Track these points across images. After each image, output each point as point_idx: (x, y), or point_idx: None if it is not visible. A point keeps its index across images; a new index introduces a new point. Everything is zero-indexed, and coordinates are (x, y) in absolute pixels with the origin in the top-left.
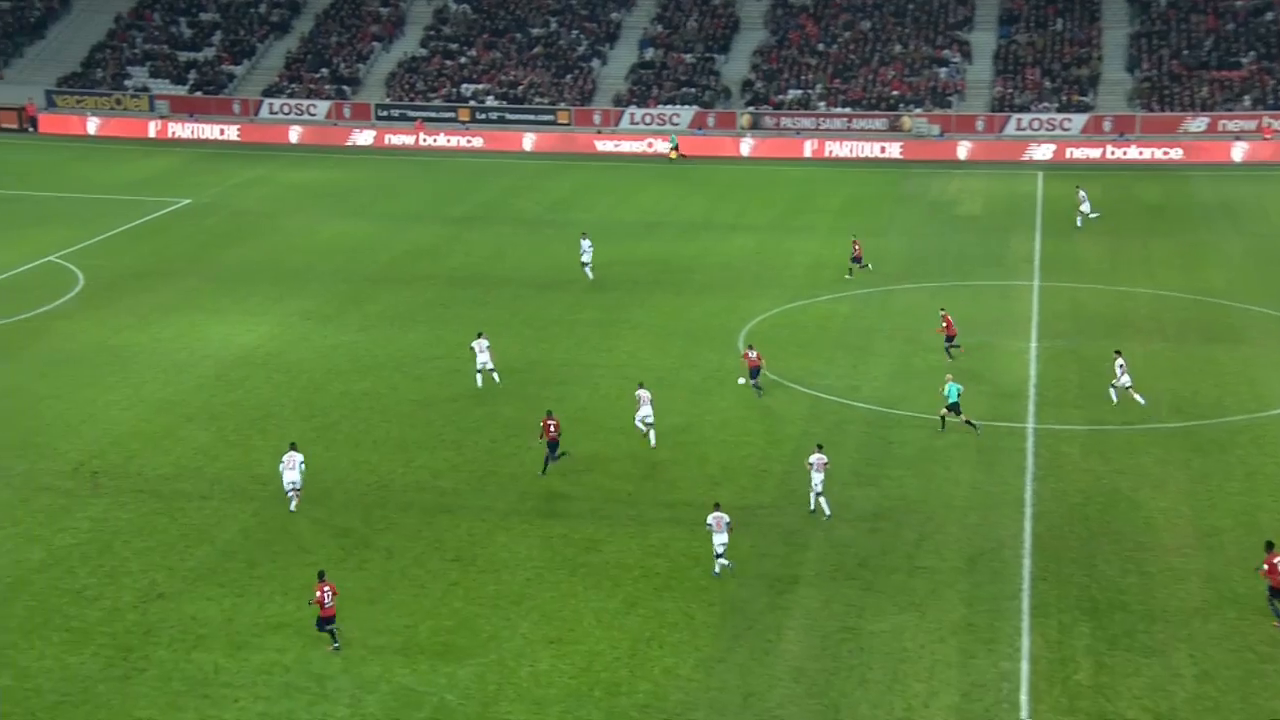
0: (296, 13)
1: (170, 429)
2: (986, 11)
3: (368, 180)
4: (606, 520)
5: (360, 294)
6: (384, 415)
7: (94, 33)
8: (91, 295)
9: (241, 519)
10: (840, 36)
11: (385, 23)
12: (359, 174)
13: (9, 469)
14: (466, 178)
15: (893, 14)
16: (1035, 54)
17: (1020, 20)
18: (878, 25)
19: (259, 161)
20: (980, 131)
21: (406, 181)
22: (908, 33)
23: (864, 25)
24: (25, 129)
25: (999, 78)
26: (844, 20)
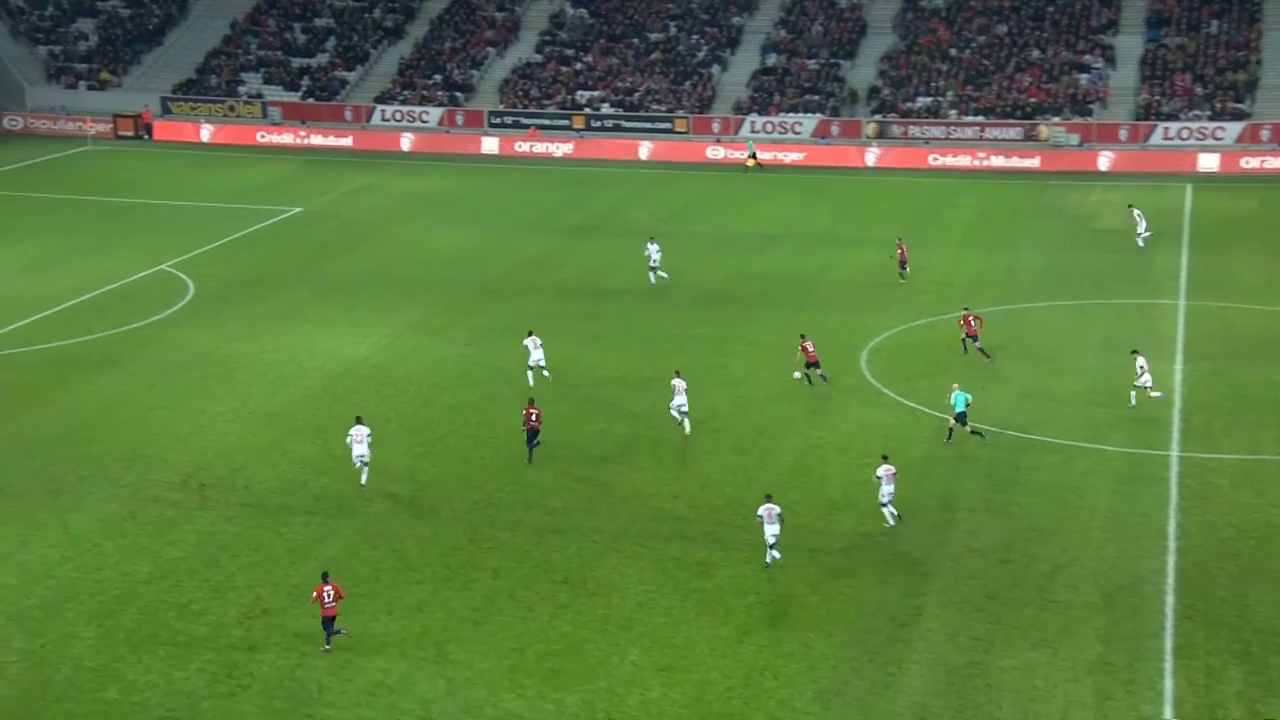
0: (411, 18)
1: (276, 442)
2: (1133, 14)
3: (479, 189)
4: (721, 544)
5: (470, 306)
6: (492, 431)
7: (210, 39)
8: (201, 304)
9: (346, 535)
10: (974, 41)
11: (500, 28)
12: (470, 182)
13: (118, 479)
14: (580, 187)
15: (1031, 17)
16: (1186, 58)
17: (1171, 23)
18: (1014, 29)
19: (370, 169)
20: (1124, 141)
21: (518, 190)
22: (1046, 37)
23: (1000, 29)
24: (141, 136)
25: (1145, 84)
26: (978, 24)
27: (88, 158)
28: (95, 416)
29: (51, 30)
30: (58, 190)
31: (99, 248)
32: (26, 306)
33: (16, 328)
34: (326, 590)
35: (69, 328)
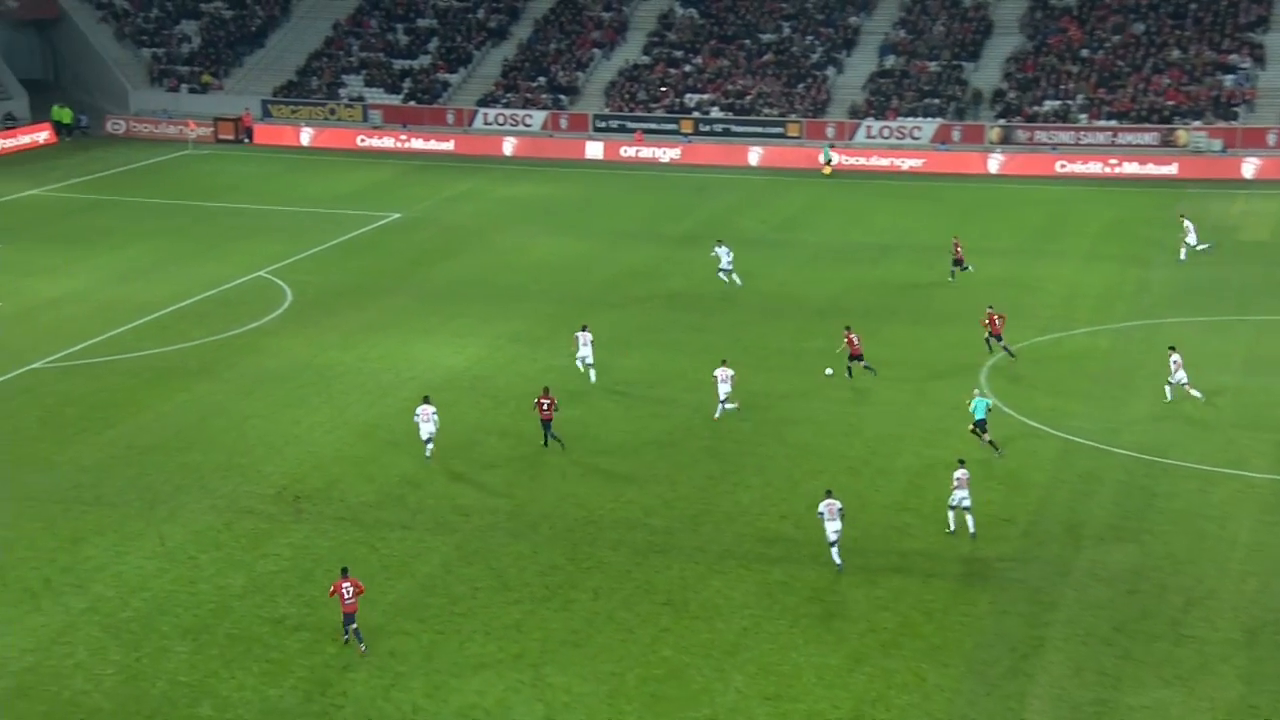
0: (515, 19)
1: (373, 454)
2: None
3: (583, 195)
4: (830, 567)
5: (572, 316)
6: (593, 446)
7: (312, 40)
8: (299, 312)
9: (443, 551)
10: (1108, 41)
11: (607, 29)
12: (574, 188)
13: (214, 490)
14: (687, 194)
15: (1171, 15)
16: None
17: None
18: (1152, 28)
19: (471, 174)
20: (1272, 146)
21: (624, 197)
22: (1188, 36)
23: (1137, 28)
24: (241, 140)
25: None
26: (1113, 23)
27: (188, 161)
28: (192, 425)
29: (155, 33)
30: (158, 195)
31: (198, 253)
32: (126, 313)
33: (117, 334)
34: (345, 586)
35: (167, 334)
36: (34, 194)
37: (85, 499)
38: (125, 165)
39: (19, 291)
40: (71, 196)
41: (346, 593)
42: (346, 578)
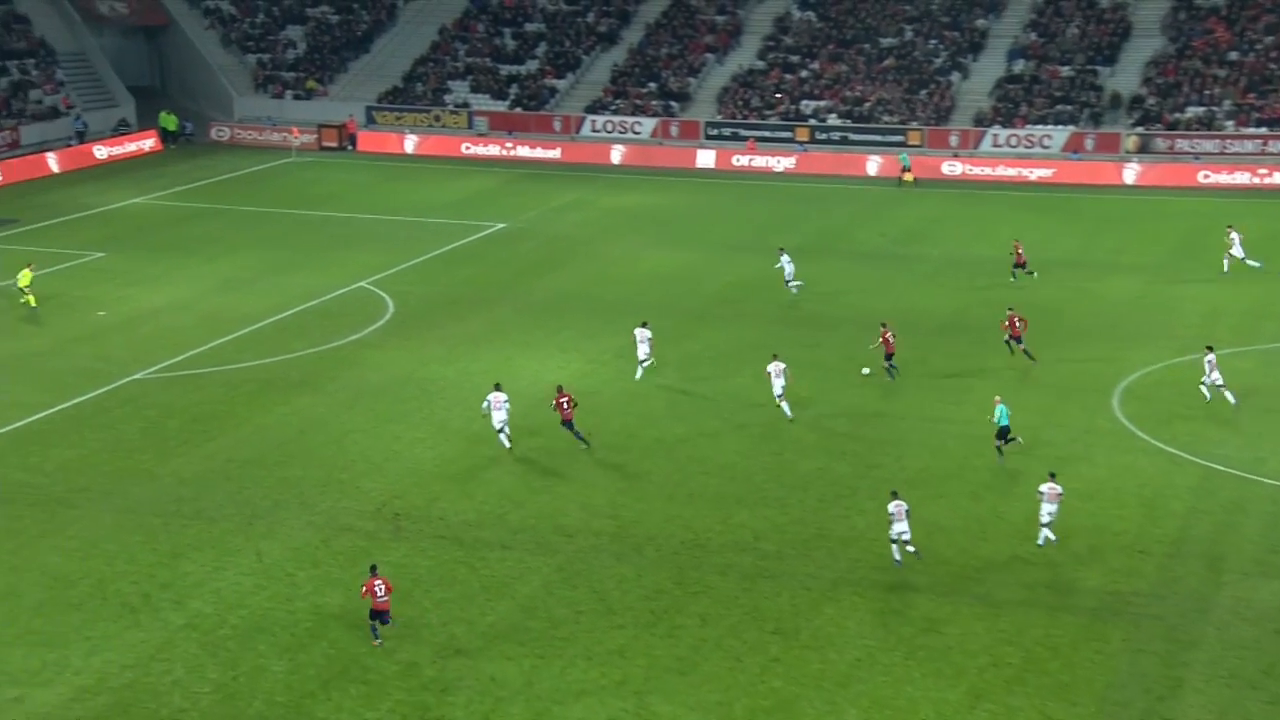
0: (626, 23)
1: (474, 471)
2: None
3: (693, 205)
4: (950, 597)
5: (680, 330)
6: (701, 466)
7: (417, 46)
8: (400, 323)
9: (544, 573)
10: (1259, 43)
11: (720, 33)
12: (684, 198)
13: (313, 506)
14: (802, 204)
15: None
16: None
17: None
18: None
19: (578, 183)
20: None
21: (736, 207)
22: None
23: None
24: (344, 147)
25: None
26: (1265, 23)
27: (291, 169)
28: (292, 439)
29: (261, 38)
30: (260, 203)
31: (299, 263)
32: (227, 323)
33: (218, 345)
34: (378, 584)
35: (268, 346)
36: (138, 202)
37: (185, 513)
38: (228, 173)
39: (122, 300)
40: (175, 204)
41: (379, 590)
42: (377, 575)
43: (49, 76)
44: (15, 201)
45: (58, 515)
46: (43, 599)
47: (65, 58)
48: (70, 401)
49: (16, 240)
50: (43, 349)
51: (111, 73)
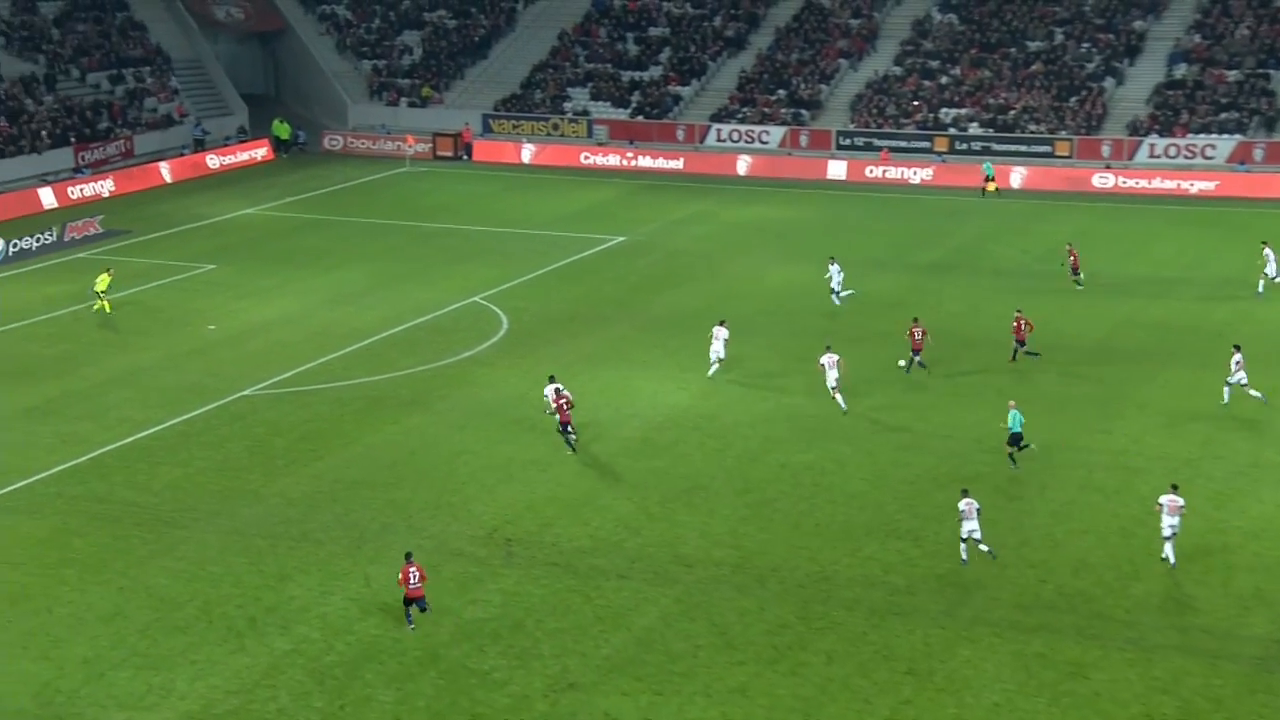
0: (755, 27)
1: (589, 496)
2: None
3: (823, 219)
4: (1097, 640)
5: (807, 350)
6: (828, 494)
7: (536, 51)
8: (514, 341)
9: (662, 604)
10: None
11: (854, 37)
12: (813, 211)
13: (422, 529)
14: (939, 218)
15: None
16: None
17: None
18: None
19: (702, 194)
20: None
21: (868, 221)
22: None
23: None
24: (460, 157)
25: None
26: None
27: (405, 179)
28: (402, 460)
29: (376, 44)
30: (373, 214)
31: (412, 277)
32: (337, 338)
33: (327, 360)
34: (412, 571)
35: (378, 362)
36: (249, 213)
37: (292, 534)
38: (341, 183)
39: (232, 314)
40: (286, 215)
41: (413, 578)
42: (412, 563)
43: (163, 84)
44: (128, 212)
45: (164, 535)
46: (149, 621)
47: (180, 65)
48: (179, 418)
49: (129, 252)
50: (153, 363)
51: (226, 80)
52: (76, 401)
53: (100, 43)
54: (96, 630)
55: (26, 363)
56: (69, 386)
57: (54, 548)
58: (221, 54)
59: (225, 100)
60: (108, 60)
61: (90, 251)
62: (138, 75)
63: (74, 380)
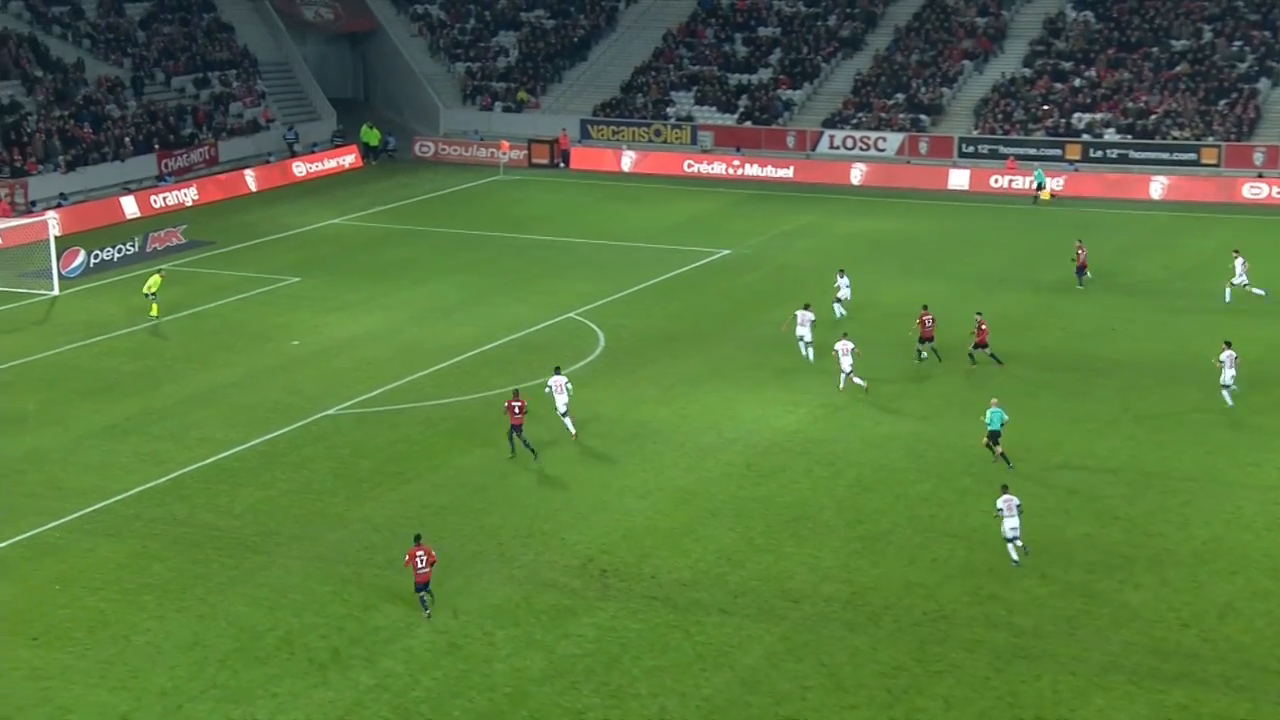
0: (872, 26)
1: (690, 525)
2: None
3: (943, 231)
4: (1247, 693)
5: (926, 373)
6: (947, 527)
7: (639, 53)
8: (612, 360)
9: (767, 641)
10: None
11: (980, 36)
12: (932, 223)
13: (513, 558)
14: (1069, 232)
15: None
16: None
17: None
18: None
19: (812, 205)
20: None
21: (992, 234)
22: None
23: None
24: (556, 164)
25: None
26: None
27: (498, 188)
28: (492, 484)
29: (470, 45)
30: (464, 225)
31: (504, 291)
32: (426, 356)
33: (415, 379)
34: (419, 555)
35: (469, 381)
36: (336, 223)
37: (377, 562)
38: (431, 192)
39: (316, 329)
40: (374, 226)
41: (420, 561)
42: (420, 545)
43: (249, 88)
44: (212, 222)
45: (245, 561)
46: (229, 651)
47: (267, 68)
48: (261, 438)
49: (212, 263)
50: (235, 380)
51: (314, 83)
52: (157, 419)
53: (186, 45)
54: (175, 660)
55: (106, 378)
56: (149, 404)
57: (133, 572)
58: (309, 56)
59: (313, 105)
60: (193, 63)
61: (172, 263)
62: (223, 79)
63: (154, 397)
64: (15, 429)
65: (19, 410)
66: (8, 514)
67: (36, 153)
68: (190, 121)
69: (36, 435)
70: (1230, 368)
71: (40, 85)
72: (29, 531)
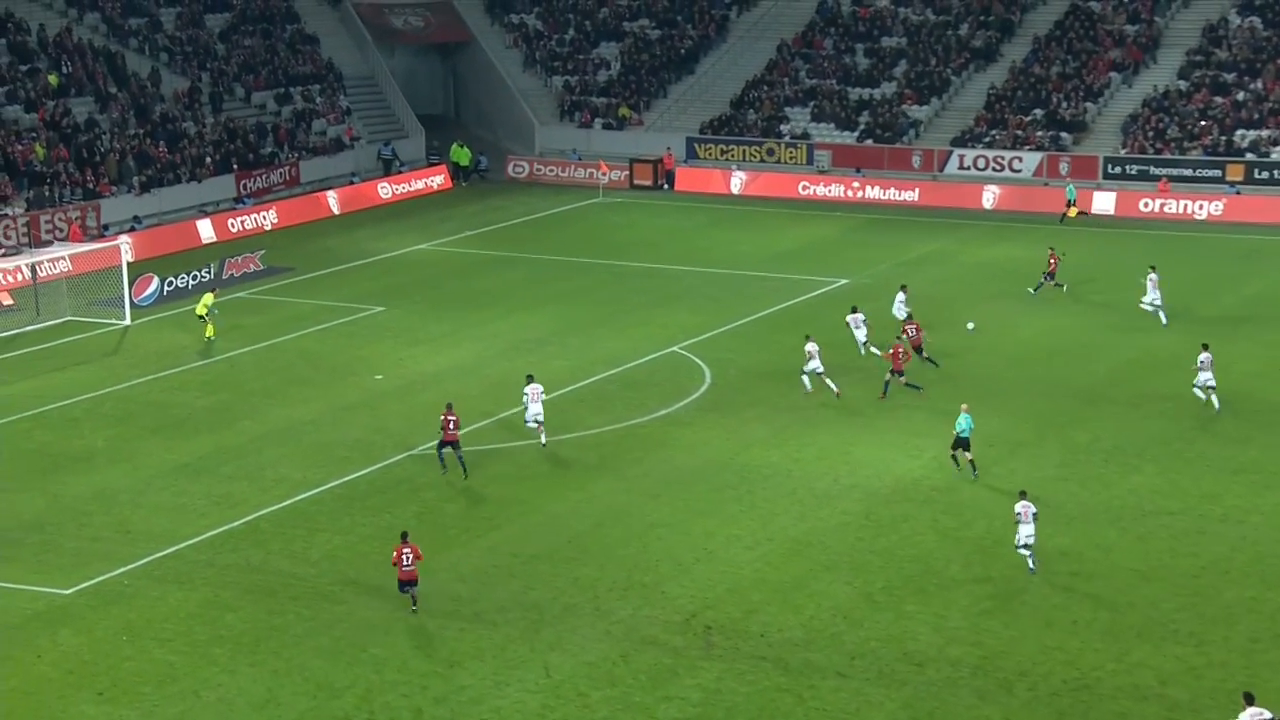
0: (1008, 35)
1: (803, 580)
2: None
3: (1085, 260)
4: None
5: (1064, 416)
6: (1089, 586)
7: (751, 65)
8: (718, 397)
9: (888, 709)
10: None
11: (1130, 46)
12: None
13: (610, 613)
14: (1231, 261)
15: None
16: None
17: None
18: None
19: (939, 231)
20: None
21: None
22: None
23: None
24: (660, 185)
25: None
26: None
27: (596, 211)
28: (587, 532)
29: (569, 58)
30: (559, 251)
31: (601, 322)
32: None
33: (505, 417)
34: (405, 552)
35: (563, 420)
36: (422, 249)
37: (463, 614)
38: (525, 215)
39: (401, 362)
40: (463, 252)
41: (405, 559)
42: (406, 543)
43: (333, 104)
44: (292, 248)
45: (323, 612)
46: (304, 710)
47: (352, 82)
48: (340, 479)
49: (290, 291)
50: (314, 417)
51: (402, 99)
52: (231, 458)
53: (267, 59)
54: (247, 718)
55: (179, 414)
56: (223, 441)
57: (204, 623)
58: (397, 70)
59: (401, 121)
60: (274, 78)
61: (249, 291)
62: (306, 94)
63: (229, 434)
64: (82, 467)
65: (87, 448)
66: (74, 558)
67: (110, 174)
68: (271, 140)
69: (104, 474)
70: (1206, 370)
71: (115, 102)
72: (96, 578)
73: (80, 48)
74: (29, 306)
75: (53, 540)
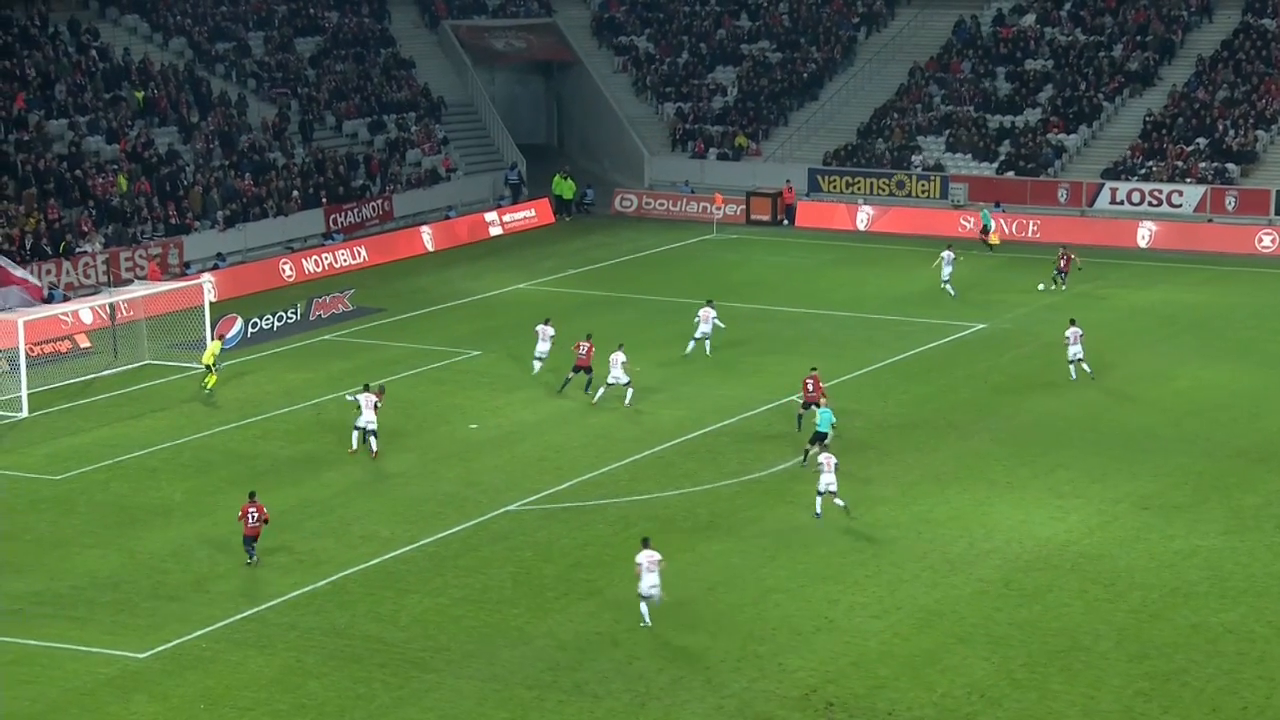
0: (1168, 56)
1: (934, 653)
2: None
3: (1255, 305)
4: None
5: (1230, 477)
6: (1260, 668)
7: (880, 91)
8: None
9: None
10: None
11: None
12: (1242, 294)
13: (722, 686)
14: None
15: None
16: None
17: None
18: None
19: (1089, 271)
20: None
21: None
22: None
23: None
24: (780, 221)
25: None
26: None
27: (710, 249)
28: (697, 597)
29: (682, 83)
30: (669, 292)
31: (711, 370)
32: (621, 444)
33: (607, 471)
34: (250, 511)
35: (671, 474)
36: (521, 288)
37: (562, 685)
38: (632, 253)
39: (497, 411)
40: (566, 291)
41: (250, 517)
42: (253, 503)
43: (428, 133)
44: (382, 286)
45: (411, 681)
46: None
47: (449, 110)
48: (432, 537)
49: (380, 334)
50: (403, 469)
51: (502, 127)
52: (315, 513)
53: (360, 85)
54: None
55: (260, 465)
56: (307, 494)
57: (286, 690)
58: (497, 96)
59: (500, 151)
60: (367, 105)
61: (336, 334)
62: (400, 122)
63: (313, 487)
64: (160, 521)
65: (165, 500)
66: (150, 619)
67: (194, 207)
68: (363, 171)
69: (181, 529)
70: (1075, 344)
71: (198, 131)
72: (172, 641)
73: (164, 73)
74: (106, 349)
75: (128, 600)
